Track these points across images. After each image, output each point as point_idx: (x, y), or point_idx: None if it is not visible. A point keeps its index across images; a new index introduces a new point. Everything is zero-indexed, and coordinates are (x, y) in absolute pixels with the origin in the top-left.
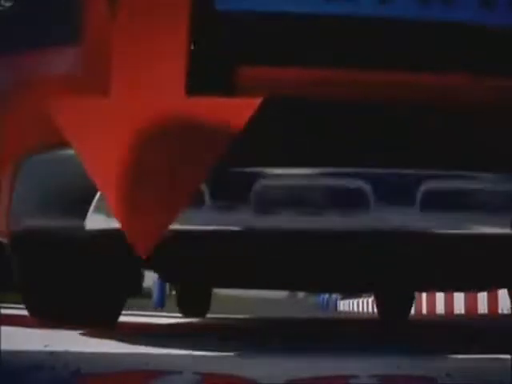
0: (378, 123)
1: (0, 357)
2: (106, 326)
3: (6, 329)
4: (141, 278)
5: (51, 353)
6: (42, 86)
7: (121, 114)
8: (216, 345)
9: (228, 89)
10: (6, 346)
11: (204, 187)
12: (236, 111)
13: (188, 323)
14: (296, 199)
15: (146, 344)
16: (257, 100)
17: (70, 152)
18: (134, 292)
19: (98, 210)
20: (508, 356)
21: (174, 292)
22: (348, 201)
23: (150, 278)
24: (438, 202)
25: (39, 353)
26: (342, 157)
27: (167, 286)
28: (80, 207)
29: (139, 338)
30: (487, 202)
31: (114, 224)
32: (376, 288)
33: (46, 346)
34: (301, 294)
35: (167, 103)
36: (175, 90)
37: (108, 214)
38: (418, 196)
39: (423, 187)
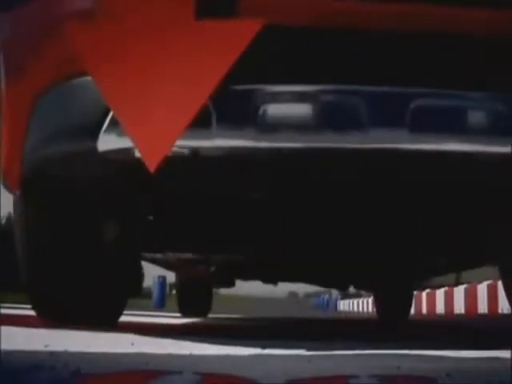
0: (374, 46)
1: (0, 357)
2: (106, 326)
3: (5, 329)
4: (141, 278)
5: (51, 353)
6: (60, 24)
7: (133, 37)
8: (216, 345)
9: (233, 13)
10: (5, 346)
11: (210, 104)
12: (240, 32)
13: (188, 323)
14: (295, 116)
15: (146, 344)
16: (259, 22)
17: (79, 81)
18: (134, 292)
19: (109, 131)
20: (508, 356)
21: (174, 292)
22: (343, 118)
23: (150, 278)
24: (428, 119)
25: (39, 353)
26: (338, 74)
27: (167, 286)
28: (92, 131)
29: (139, 338)
30: (475, 120)
31: (125, 143)
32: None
33: (46, 346)
34: (301, 294)
35: (177, 25)
36: (185, 13)
37: (119, 134)
38: (408, 113)
39: (413, 104)
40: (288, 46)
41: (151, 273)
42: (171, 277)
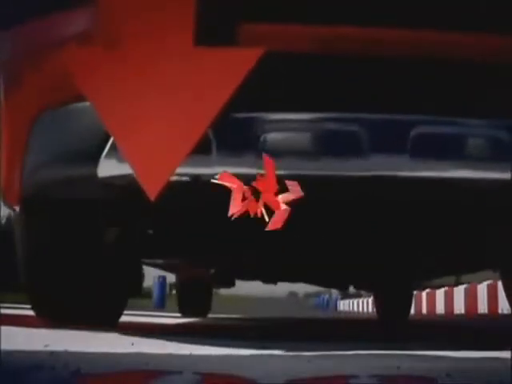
0: (374, 73)
1: (0, 357)
2: (106, 326)
3: (5, 329)
4: (141, 278)
5: (51, 353)
6: (58, 46)
7: (131, 63)
8: (216, 345)
9: (233, 41)
10: (5, 346)
11: (210, 132)
12: (240, 60)
13: (188, 323)
14: (295, 144)
15: (146, 344)
16: (259, 50)
17: (79, 105)
18: (134, 292)
19: (109, 156)
20: (508, 356)
21: (174, 292)
22: (343, 145)
23: (150, 278)
24: (428, 146)
25: (39, 353)
26: (338, 102)
27: (167, 286)
28: (92, 156)
29: (139, 338)
30: (475, 147)
31: (126, 169)
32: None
33: (45, 346)
34: (301, 294)
35: (176, 51)
36: (183, 39)
37: (119, 161)
38: (409, 141)
39: (414, 132)
40: (288, 74)
41: (151, 273)
42: (171, 277)
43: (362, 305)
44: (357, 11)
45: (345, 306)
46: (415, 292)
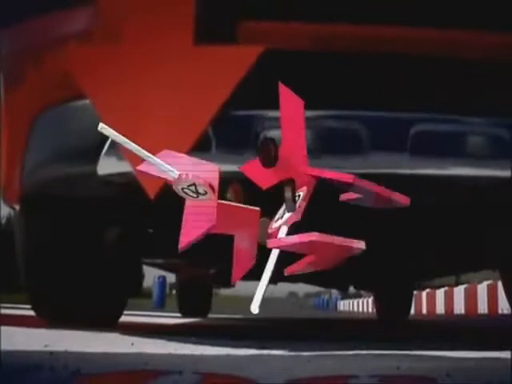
0: (374, 71)
1: (0, 357)
2: (106, 326)
3: (5, 329)
4: (141, 278)
5: (51, 353)
6: (58, 44)
7: (132, 60)
8: (216, 345)
9: (232, 39)
10: (5, 346)
11: (210, 130)
12: (239, 58)
13: (188, 323)
14: None
15: (146, 344)
16: (259, 48)
17: (79, 103)
18: (134, 292)
19: (108, 155)
20: (508, 356)
21: (174, 292)
22: (343, 143)
23: (150, 278)
24: (428, 144)
25: (39, 353)
26: (338, 99)
27: (167, 286)
28: (91, 154)
29: (139, 338)
30: (474, 145)
31: (125, 167)
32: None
33: (45, 346)
34: (301, 294)
35: (176, 49)
36: (184, 38)
37: (118, 159)
38: (409, 139)
39: (413, 130)
40: (287, 72)
41: (151, 273)
42: (171, 277)
43: (362, 305)
44: (357, 8)
45: (345, 306)
46: (415, 292)
